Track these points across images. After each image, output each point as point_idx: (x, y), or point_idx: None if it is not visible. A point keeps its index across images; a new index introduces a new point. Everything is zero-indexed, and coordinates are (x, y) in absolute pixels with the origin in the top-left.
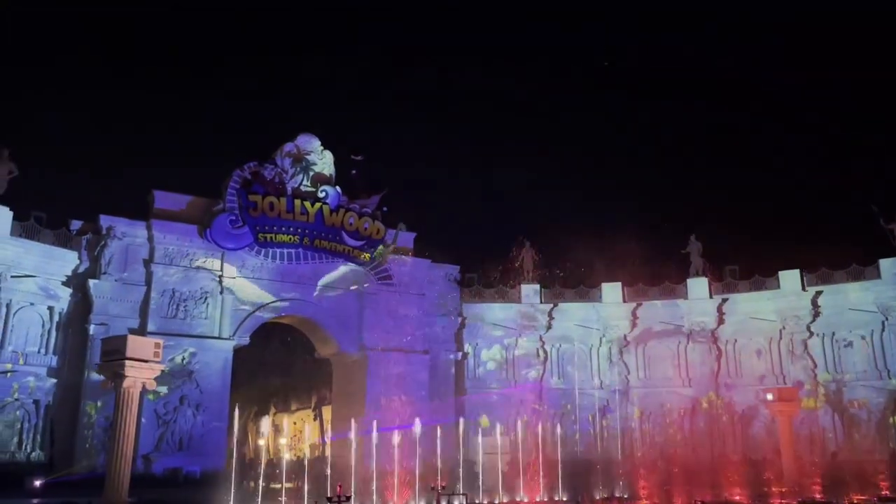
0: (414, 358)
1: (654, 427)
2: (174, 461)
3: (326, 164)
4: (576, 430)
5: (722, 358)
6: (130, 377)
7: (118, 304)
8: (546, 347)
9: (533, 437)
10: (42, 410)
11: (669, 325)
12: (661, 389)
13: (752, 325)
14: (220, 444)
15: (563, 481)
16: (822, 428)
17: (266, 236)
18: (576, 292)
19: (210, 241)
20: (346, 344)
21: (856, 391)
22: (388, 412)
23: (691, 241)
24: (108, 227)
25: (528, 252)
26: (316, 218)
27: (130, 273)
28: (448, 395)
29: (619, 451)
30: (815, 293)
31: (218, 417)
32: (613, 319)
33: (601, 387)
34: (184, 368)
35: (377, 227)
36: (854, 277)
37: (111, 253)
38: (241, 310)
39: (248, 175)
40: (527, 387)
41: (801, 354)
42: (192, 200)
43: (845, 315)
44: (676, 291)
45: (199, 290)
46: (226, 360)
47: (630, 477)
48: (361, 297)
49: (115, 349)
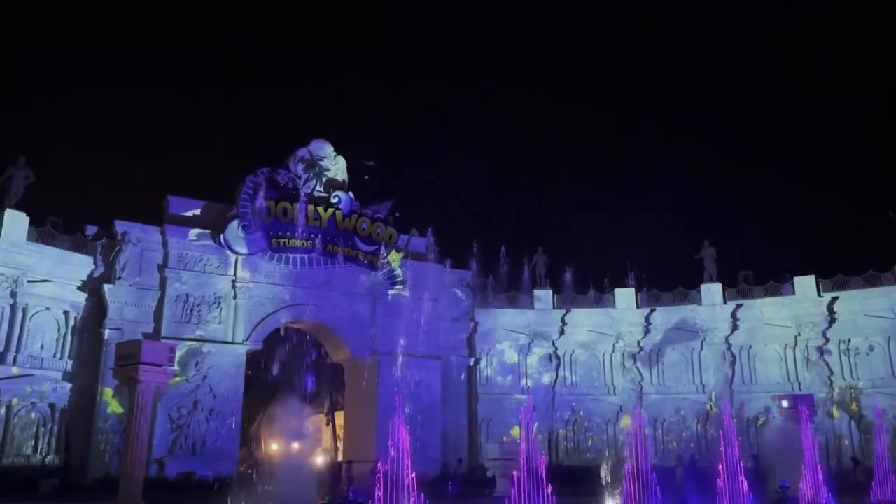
0: (427, 363)
1: (667, 434)
2: (187, 466)
3: (339, 169)
4: (588, 437)
5: (736, 364)
6: (144, 381)
7: (133, 309)
8: (559, 353)
9: (545, 443)
10: (57, 415)
11: (683, 330)
12: (675, 395)
13: (766, 332)
14: (233, 449)
15: (570, 487)
16: (838, 435)
17: (279, 241)
18: (589, 298)
19: (224, 247)
20: (359, 349)
21: (872, 398)
22: (401, 417)
23: (705, 246)
24: (122, 233)
25: (541, 257)
26: (329, 223)
27: (145, 278)
28: (461, 400)
29: (630, 458)
30: (831, 299)
31: (231, 422)
32: (626, 325)
33: (614, 393)
34: (197, 373)
35: (390, 233)
36: (870, 283)
37: (126, 258)
38: (255, 315)
39: (262, 180)
40: (539, 393)
41: (816, 361)
42: (206, 206)
43: (861, 321)
44: (690, 297)
45: (212, 294)
46: (239, 364)
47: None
48: (374, 302)
49: (129, 354)
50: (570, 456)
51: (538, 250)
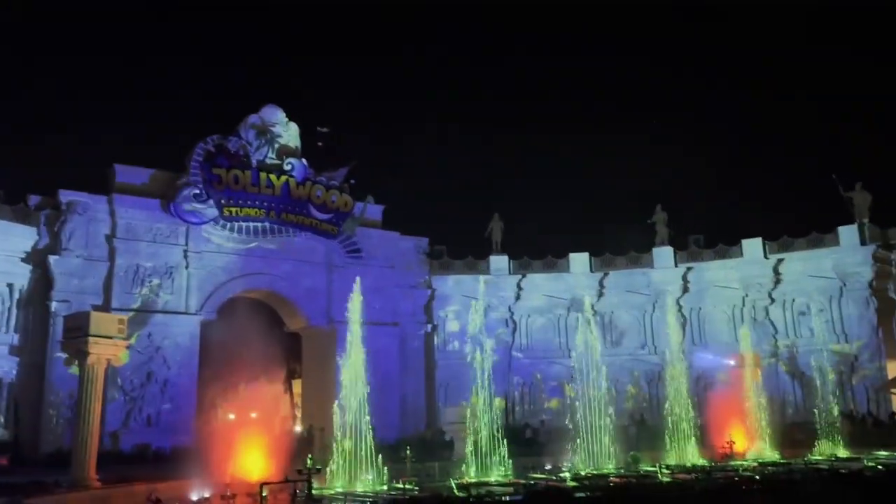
0: (384, 330)
1: (621, 394)
2: (143, 437)
3: (292, 136)
4: (544, 399)
5: (687, 325)
6: (94, 354)
7: (80, 281)
8: (515, 318)
9: (502, 406)
10: (5, 390)
11: (636, 293)
12: (628, 357)
13: (716, 293)
14: (188, 420)
15: (525, 448)
16: (782, 392)
17: (231, 210)
18: (544, 263)
19: (174, 216)
20: (316, 318)
21: (813, 356)
22: (359, 384)
23: (657, 210)
24: (67, 203)
25: (496, 223)
26: (282, 191)
27: (92, 249)
28: (419, 366)
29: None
30: (777, 261)
31: (186, 393)
32: (581, 289)
33: (569, 356)
34: (150, 344)
35: (345, 200)
36: (814, 245)
37: (71, 228)
38: (208, 285)
39: (212, 148)
40: (496, 357)
41: (762, 321)
42: (155, 174)
43: (805, 282)
44: (642, 261)
45: (164, 265)
46: (193, 335)
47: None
48: (330, 270)
49: (77, 326)
50: (526, 417)
51: (494, 216)
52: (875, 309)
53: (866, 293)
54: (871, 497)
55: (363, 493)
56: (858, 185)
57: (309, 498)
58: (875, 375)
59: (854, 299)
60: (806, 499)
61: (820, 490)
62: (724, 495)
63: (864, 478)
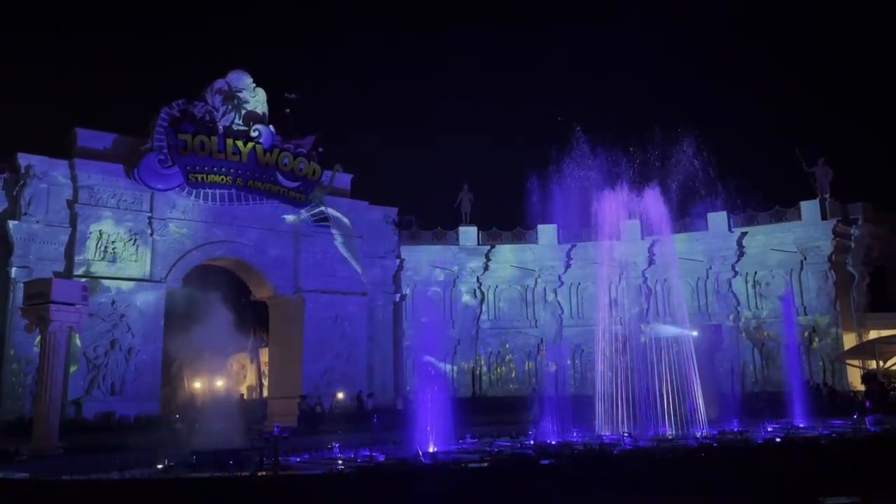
0: (352, 300)
1: (586, 364)
2: (106, 406)
3: (259, 102)
4: (511, 369)
5: (652, 297)
6: (56, 321)
7: (41, 247)
8: (483, 288)
9: (469, 376)
10: None
11: (602, 265)
12: (594, 328)
13: (681, 266)
14: (154, 388)
15: (492, 416)
16: (742, 362)
17: (197, 176)
18: (512, 234)
19: (138, 182)
20: (283, 286)
21: (774, 327)
22: (326, 354)
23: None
24: (26, 166)
25: (466, 194)
26: (249, 158)
27: (53, 214)
28: (387, 336)
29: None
30: (741, 234)
31: (151, 361)
32: (548, 261)
33: (536, 326)
34: (114, 312)
35: (313, 168)
36: (777, 219)
37: (31, 193)
38: (173, 252)
39: (177, 113)
40: (464, 327)
41: (725, 293)
42: (118, 139)
43: (768, 255)
44: (610, 234)
45: (127, 231)
46: (158, 303)
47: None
48: (298, 239)
49: (38, 292)
50: (493, 387)
51: (464, 187)
52: (834, 282)
53: (825, 267)
54: (823, 463)
55: (330, 459)
56: (821, 161)
57: (276, 465)
58: (832, 347)
59: (814, 273)
60: (760, 465)
61: (774, 458)
62: (684, 461)
63: (819, 446)
